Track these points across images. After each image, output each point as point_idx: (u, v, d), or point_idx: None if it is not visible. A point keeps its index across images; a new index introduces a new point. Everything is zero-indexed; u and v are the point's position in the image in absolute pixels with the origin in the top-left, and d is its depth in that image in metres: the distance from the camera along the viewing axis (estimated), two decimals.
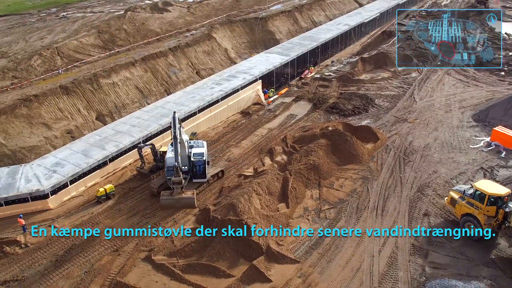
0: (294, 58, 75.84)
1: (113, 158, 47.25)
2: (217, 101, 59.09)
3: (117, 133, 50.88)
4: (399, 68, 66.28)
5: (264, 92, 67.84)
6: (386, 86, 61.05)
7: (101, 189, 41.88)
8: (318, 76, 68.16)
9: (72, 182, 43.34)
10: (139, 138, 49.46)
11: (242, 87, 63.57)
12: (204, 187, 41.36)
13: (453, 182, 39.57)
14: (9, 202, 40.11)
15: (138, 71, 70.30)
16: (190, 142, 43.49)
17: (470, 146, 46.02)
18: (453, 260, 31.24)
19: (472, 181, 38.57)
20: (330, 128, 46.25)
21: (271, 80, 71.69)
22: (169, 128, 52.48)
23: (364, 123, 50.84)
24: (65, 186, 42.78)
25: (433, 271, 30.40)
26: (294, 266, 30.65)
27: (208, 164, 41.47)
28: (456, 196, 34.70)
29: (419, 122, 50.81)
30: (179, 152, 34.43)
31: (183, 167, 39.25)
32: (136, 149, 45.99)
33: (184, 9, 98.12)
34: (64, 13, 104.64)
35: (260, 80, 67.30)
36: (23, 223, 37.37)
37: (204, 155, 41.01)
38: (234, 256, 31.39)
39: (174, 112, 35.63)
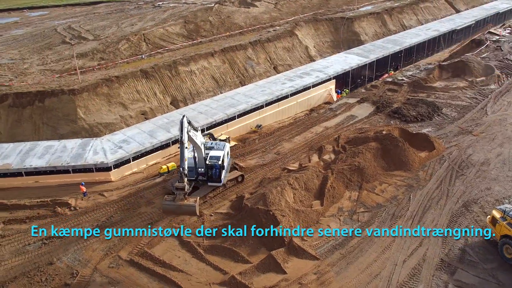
0: (374, 61, 74.80)
1: (176, 141, 49.73)
2: (286, 97, 60.04)
3: None
4: (478, 79, 63.17)
5: (337, 93, 67.71)
6: (458, 96, 58.46)
7: (164, 167, 45.05)
8: (390, 79, 66.82)
9: (134, 158, 46.53)
10: (204, 124, 51.63)
11: (314, 85, 63.95)
12: (220, 191, 40.58)
13: (505, 202, 37.49)
14: (76, 170, 44.17)
15: (216, 62, 73.06)
16: (211, 143, 42.95)
17: None
18: (481, 282, 29.76)
19: None
20: (384, 132, 45.56)
21: (346, 81, 71.30)
22: (233, 118, 54.64)
23: (424, 131, 49.22)
24: (127, 161, 46.07)
25: None
26: (312, 262, 31.05)
27: (223, 169, 40.44)
28: (498, 215, 33.00)
29: (484, 136, 48.30)
30: (185, 157, 32.68)
31: (199, 169, 39.34)
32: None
33: (271, 5, 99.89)
34: (160, 2, 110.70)
35: (334, 80, 67.24)
36: (84, 190, 41.31)
37: (221, 158, 39.92)
38: (257, 244, 32.42)
39: (183, 116, 34.45)
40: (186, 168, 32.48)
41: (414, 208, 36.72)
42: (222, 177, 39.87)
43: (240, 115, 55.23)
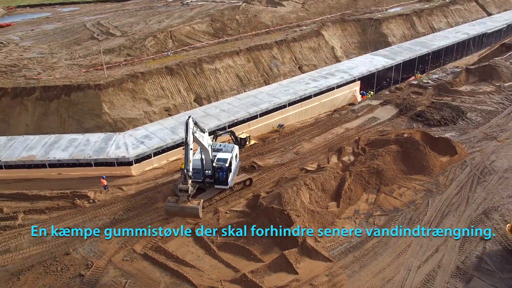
0: (400, 63, 74.00)
1: None
2: (309, 97, 59.89)
3: (207, 116, 53.76)
4: (506, 84, 61.65)
5: (362, 94, 67.15)
6: (484, 101, 57.10)
7: None
8: (415, 82, 65.87)
9: (155, 154, 46.99)
10: (225, 122, 51.86)
11: (338, 86, 63.62)
12: (226, 194, 39.75)
13: None
14: (98, 163, 44.90)
15: (241, 60, 73.34)
16: (219, 145, 42.28)
17: None
18: None
19: None
20: (405, 135, 44.91)
21: (372, 83, 70.68)
22: (255, 117, 54.71)
23: (447, 135, 48.19)
24: (148, 157, 46.54)
25: None
26: (325, 264, 30.76)
27: (230, 171, 39.69)
28: None
29: (509, 142, 47.06)
30: (189, 159, 31.85)
31: (206, 171, 38.62)
32: (213, 135, 48.22)
33: (298, 4, 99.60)
34: (188, 1, 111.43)
35: (359, 81, 66.78)
36: (105, 183, 41.95)
37: (228, 161, 39.19)
38: (270, 243, 32.36)
39: (189, 117, 33.64)
40: (190, 170, 31.87)
41: (432, 214, 36.04)
42: (229, 180, 39.22)
43: (262, 114, 55.32)
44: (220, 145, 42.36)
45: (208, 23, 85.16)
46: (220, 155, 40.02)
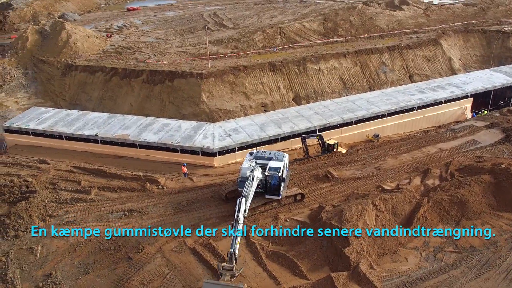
0: None
1: (284, 138, 49.85)
2: (412, 109, 56.75)
3: (299, 116, 53.16)
4: None
5: (473, 115, 61.86)
6: None
7: None
8: None
9: (240, 149, 47.58)
10: (316, 126, 50.92)
11: (446, 101, 59.43)
12: (272, 206, 37.74)
13: None
14: (183, 151, 46.61)
15: (347, 63, 71.57)
16: (269, 153, 39.97)
17: None
18: None
19: None
20: (503, 166, 40.37)
21: (486, 101, 65.10)
22: (349, 124, 53.04)
23: None
24: (232, 150, 47.30)
25: None
26: None
27: (283, 181, 37.68)
28: None
29: None
30: (238, 241, 28.95)
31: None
32: (301, 138, 47.47)
33: (419, 10, 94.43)
34: None
35: (471, 98, 61.80)
36: (185, 170, 43.33)
37: (280, 170, 37.03)
38: (321, 261, 30.93)
39: (242, 197, 31.25)
40: (237, 251, 29.05)
41: None
42: (281, 190, 37.33)
43: (357, 122, 53.46)
44: (271, 153, 40.47)
45: (320, 22, 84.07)
46: (271, 163, 38.11)
